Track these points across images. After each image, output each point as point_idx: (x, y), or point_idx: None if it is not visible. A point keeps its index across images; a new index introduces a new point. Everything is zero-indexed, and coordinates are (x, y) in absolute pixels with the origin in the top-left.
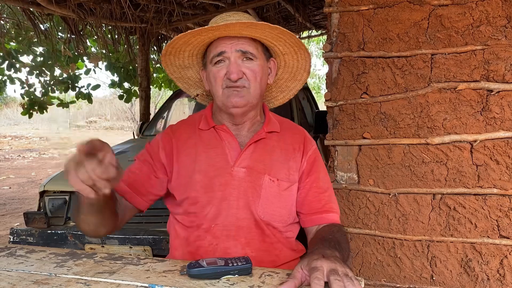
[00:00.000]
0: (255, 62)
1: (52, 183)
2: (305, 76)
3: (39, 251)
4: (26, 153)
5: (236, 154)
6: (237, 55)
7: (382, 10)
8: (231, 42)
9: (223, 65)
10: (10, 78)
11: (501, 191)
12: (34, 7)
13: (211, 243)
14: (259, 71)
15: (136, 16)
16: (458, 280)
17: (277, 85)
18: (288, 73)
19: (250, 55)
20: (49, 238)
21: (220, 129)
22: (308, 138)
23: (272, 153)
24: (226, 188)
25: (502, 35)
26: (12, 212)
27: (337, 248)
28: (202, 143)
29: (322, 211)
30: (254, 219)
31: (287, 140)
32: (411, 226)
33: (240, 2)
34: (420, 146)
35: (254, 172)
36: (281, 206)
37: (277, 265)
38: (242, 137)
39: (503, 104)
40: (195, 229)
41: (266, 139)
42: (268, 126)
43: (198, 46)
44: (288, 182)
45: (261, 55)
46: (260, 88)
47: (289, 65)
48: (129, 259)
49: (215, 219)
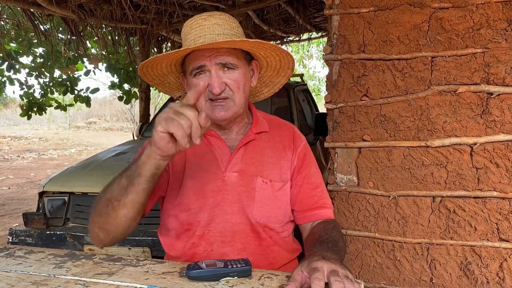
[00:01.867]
0: (237, 71)
1: (51, 184)
2: (289, 72)
3: (38, 252)
4: (26, 153)
5: (227, 158)
6: (217, 68)
7: (383, 12)
8: (210, 54)
9: (204, 76)
10: (9, 79)
11: (501, 194)
12: (34, 8)
13: (206, 249)
14: (242, 79)
15: (136, 17)
16: (458, 283)
17: (261, 81)
18: (272, 71)
19: (230, 65)
20: (48, 239)
21: (208, 134)
22: (298, 134)
23: (262, 154)
24: (219, 194)
25: (503, 38)
26: (11, 212)
27: (335, 250)
28: (191, 149)
29: (315, 207)
30: (250, 223)
31: (277, 139)
32: (411, 229)
33: (240, 4)
34: (420, 148)
35: (246, 175)
36: (276, 207)
37: (275, 268)
38: (231, 140)
39: (503, 107)
40: (189, 237)
41: (256, 140)
42: (256, 127)
43: (175, 59)
44: (281, 182)
45: (242, 61)
46: (244, 96)
47: (272, 65)
48: (128, 260)
49: (208, 226)
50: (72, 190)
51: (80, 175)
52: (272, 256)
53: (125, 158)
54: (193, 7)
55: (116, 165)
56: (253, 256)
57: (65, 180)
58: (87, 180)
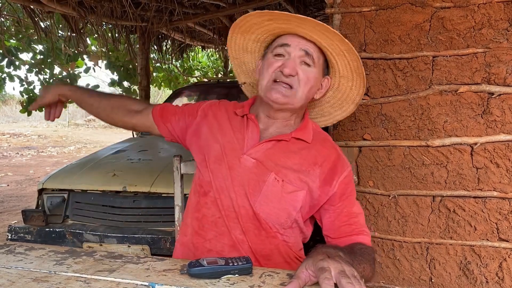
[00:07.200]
0: (312, 69)
1: (50, 181)
2: (352, 108)
3: (38, 249)
4: (25, 150)
5: (252, 144)
6: (298, 54)
7: (384, 11)
8: (299, 41)
9: (281, 59)
10: (9, 75)
11: (501, 194)
12: (34, 5)
13: (214, 215)
14: (312, 79)
15: (137, 14)
16: (457, 282)
17: (321, 108)
18: (336, 99)
19: (309, 60)
20: (47, 236)
21: (249, 118)
22: (342, 159)
23: (288, 157)
24: (231, 171)
25: (504, 38)
26: (10, 209)
27: (343, 250)
28: (231, 124)
29: (353, 234)
30: (252, 211)
31: (312, 152)
32: (411, 228)
33: (241, 2)
34: (421, 148)
35: (262, 166)
36: (280, 208)
37: (268, 265)
38: (267, 132)
39: (504, 107)
40: (203, 196)
41: (289, 143)
42: (298, 132)
43: (266, 33)
44: (295, 186)
45: (319, 67)
46: (306, 95)
47: (341, 90)
48: (129, 257)
49: (219, 193)
50: (71, 187)
51: (79, 173)
52: (270, 247)
53: (124, 156)
54: (194, 5)
55: (116, 162)
56: (252, 246)
57: (65, 178)
58: (86, 178)
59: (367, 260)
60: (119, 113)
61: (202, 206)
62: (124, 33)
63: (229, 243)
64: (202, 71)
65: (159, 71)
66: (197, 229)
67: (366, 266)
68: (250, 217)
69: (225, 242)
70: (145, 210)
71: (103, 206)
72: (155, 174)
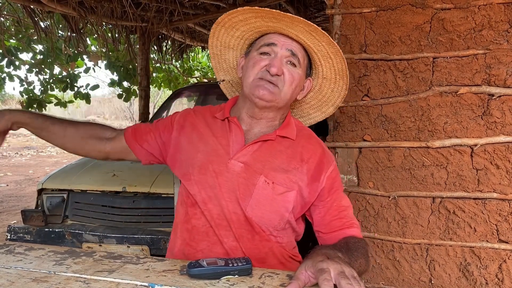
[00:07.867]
0: (297, 70)
1: (50, 181)
2: (331, 110)
3: (38, 249)
4: (24, 150)
5: (238, 148)
6: (285, 54)
7: (385, 12)
8: (285, 41)
9: (267, 57)
10: (9, 75)
11: (501, 196)
12: (34, 5)
13: (205, 225)
14: (297, 79)
15: (137, 15)
16: (457, 284)
17: (300, 109)
18: (317, 101)
19: (295, 61)
20: (46, 236)
21: (231, 121)
22: (327, 154)
23: (275, 157)
24: (218, 178)
25: (504, 40)
26: (9, 209)
27: (341, 250)
28: (212, 130)
29: (344, 227)
30: (244, 215)
31: (298, 149)
32: (410, 229)
33: (241, 3)
34: (421, 149)
35: (251, 170)
36: (272, 211)
37: (264, 267)
38: (251, 134)
39: (504, 109)
40: (191, 206)
41: (275, 142)
42: (282, 130)
43: (251, 30)
44: (285, 187)
45: (304, 67)
46: (290, 95)
47: (322, 92)
48: (128, 258)
49: (207, 204)
50: (71, 187)
51: (79, 173)
52: (265, 251)
53: None
54: (194, 6)
55: (115, 163)
56: (246, 251)
57: (64, 178)
58: (86, 178)
59: (362, 254)
60: (90, 142)
61: (191, 217)
62: (124, 33)
63: (222, 251)
64: (202, 71)
65: (159, 71)
66: (188, 240)
67: (362, 261)
68: (242, 223)
69: (218, 251)
70: (145, 211)
71: (103, 206)
72: (154, 175)
